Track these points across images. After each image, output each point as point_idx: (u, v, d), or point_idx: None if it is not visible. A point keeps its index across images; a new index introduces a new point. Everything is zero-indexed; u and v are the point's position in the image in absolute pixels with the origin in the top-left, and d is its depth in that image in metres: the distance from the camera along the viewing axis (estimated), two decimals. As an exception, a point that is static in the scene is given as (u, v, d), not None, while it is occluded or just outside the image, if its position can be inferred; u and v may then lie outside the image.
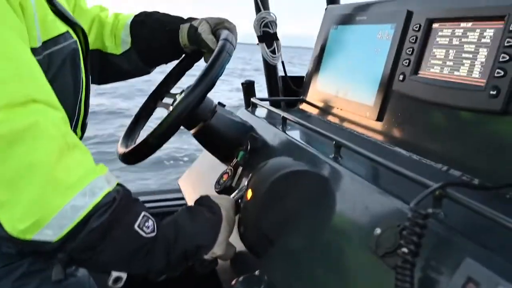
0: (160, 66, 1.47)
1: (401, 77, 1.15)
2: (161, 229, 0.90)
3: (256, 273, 0.97)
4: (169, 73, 1.41)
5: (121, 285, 0.86)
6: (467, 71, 0.99)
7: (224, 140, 1.38)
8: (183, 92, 1.23)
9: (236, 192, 1.13)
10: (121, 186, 0.89)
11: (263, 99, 1.70)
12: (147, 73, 1.47)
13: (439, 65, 1.07)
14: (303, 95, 1.68)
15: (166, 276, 0.92)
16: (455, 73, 1.02)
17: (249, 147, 1.32)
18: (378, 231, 0.78)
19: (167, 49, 1.37)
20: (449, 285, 0.62)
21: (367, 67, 1.32)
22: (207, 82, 1.09)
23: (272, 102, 1.83)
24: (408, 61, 1.14)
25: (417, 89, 1.10)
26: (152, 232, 0.87)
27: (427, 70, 1.10)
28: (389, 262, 0.72)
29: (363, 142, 1.20)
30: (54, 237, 0.77)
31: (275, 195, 0.98)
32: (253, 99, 1.64)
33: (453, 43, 1.04)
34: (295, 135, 1.28)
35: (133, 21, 1.37)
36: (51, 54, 0.94)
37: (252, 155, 1.32)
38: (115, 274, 0.85)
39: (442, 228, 0.70)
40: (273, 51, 1.82)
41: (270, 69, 1.96)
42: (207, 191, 1.41)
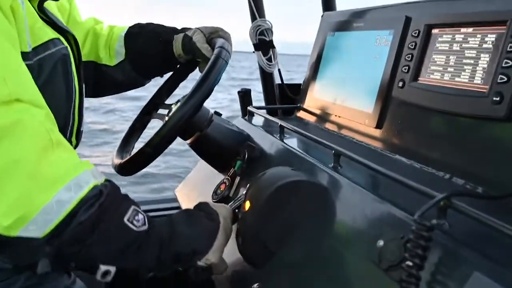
0: (155, 79, 1.46)
1: (401, 84, 1.13)
2: (156, 227, 0.88)
3: (255, 286, 0.94)
4: (163, 84, 1.40)
5: (110, 278, 0.83)
6: (468, 77, 0.97)
7: (220, 149, 1.36)
8: (179, 101, 1.21)
9: (233, 201, 1.11)
10: (109, 181, 0.87)
11: (260, 108, 1.68)
12: (142, 85, 1.46)
13: (439, 71, 1.05)
14: (300, 102, 1.66)
15: (154, 274, 0.90)
16: (456, 79, 1.00)
17: (246, 156, 1.30)
18: (381, 243, 0.75)
19: (162, 60, 1.36)
20: (457, 300, 0.60)
21: (365, 73, 1.30)
22: (204, 89, 1.07)
23: (269, 110, 1.81)
24: (407, 67, 1.12)
25: (417, 96, 1.08)
26: (143, 225, 0.85)
27: (427, 76, 1.08)
28: (393, 275, 0.70)
29: (362, 150, 1.18)
30: (40, 233, 0.75)
31: (274, 205, 0.96)
32: (249, 108, 1.61)
33: (453, 48, 1.02)
34: (292, 143, 1.26)
35: (127, 33, 1.36)
36: (41, 59, 0.93)
37: (249, 164, 1.29)
38: (103, 268, 0.82)
39: (447, 240, 0.67)
40: (269, 59, 1.80)
41: (266, 77, 1.94)
42: (204, 200, 1.38)
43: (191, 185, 1.65)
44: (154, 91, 1.41)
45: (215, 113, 1.38)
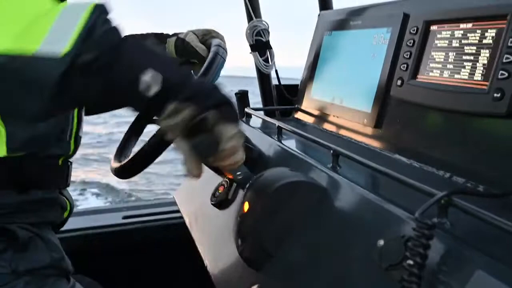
0: None
1: (399, 82, 1.11)
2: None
3: (254, 287, 0.93)
4: None
5: (157, 88, 0.72)
6: (468, 74, 0.96)
7: None
8: None
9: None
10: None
11: (257, 109, 1.66)
12: None
13: (438, 69, 1.03)
14: (298, 103, 1.64)
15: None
16: (456, 76, 0.98)
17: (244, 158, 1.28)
18: (381, 242, 0.73)
19: None
20: (460, 299, 0.58)
21: (363, 72, 1.28)
22: None
23: (266, 111, 1.80)
24: (406, 65, 1.11)
25: (416, 94, 1.06)
26: None
27: (426, 74, 1.06)
28: (394, 275, 0.68)
29: (361, 150, 1.17)
30: (63, 48, 0.67)
31: (273, 207, 0.95)
32: (247, 109, 1.60)
33: (452, 45, 1.01)
34: (291, 144, 1.25)
35: None
36: None
37: (247, 166, 1.28)
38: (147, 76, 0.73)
39: (449, 238, 0.66)
40: (266, 60, 1.79)
41: (263, 78, 1.93)
42: (203, 203, 1.37)
43: (190, 188, 1.64)
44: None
45: None
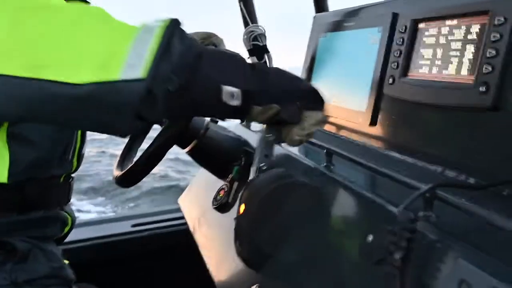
0: None
1: (391, 80, 1.13)
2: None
3: (253, 287, 0.95)
4: None
5: (237, 102, 0.78)
6: (455, 69, 0.97)
7: (218, 156, 1.37)
8: None
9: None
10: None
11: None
12: None
13: (427, 65, 1.05)
14: (297, 105, 1.65)
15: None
16: (444, 72, 1.00)
17: (243, 162, 1.30)
18: (370, 238, 0.75)
19: None
20: (442, 289, 0.60)
21: (357, 72, 1.30)
22: None
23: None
24: (396, 63, 1.12)
25: (407, 91, 1.08)
26: None
27: (415, 71, 1.08)
28: (383, 269, 0.70)
29: (356, 148, 1.18)
30: (141, 71, 0.70)
31: (268, 208, 0.97)
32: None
33: (439, 42, 1.02)
34: (288, 146, 1.26)
35: None
36: None
37: (247, 169, 1.29)
38: (226, 88, 0.78)
39: (434, 231, 0.67)
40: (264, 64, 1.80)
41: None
42: (207, 208, 1.39)
43: (193, 193, 1.66)
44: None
45: (211, 120, 1.38)
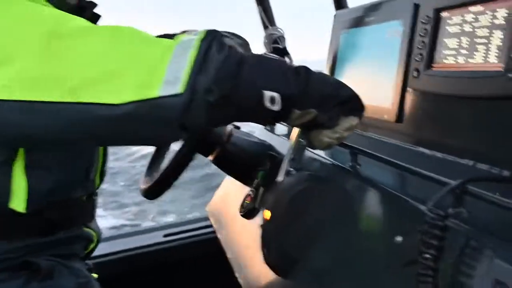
0: None
1: (415, 73, 1.09)
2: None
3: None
4: None
5: (278, 107, 0.78)
6: (482, 58, 0.92)
7: (243, 162, 1.35)
8: None
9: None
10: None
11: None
12: None
13: (452, 55, 1.00)
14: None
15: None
16: (470, 61, 0.95)
17: (268, 167, 1.28)
18: (399, 239, 0.72)
19: None
20: (476, 290, 0.56)
21: (380, 67, 1.26)
22: None
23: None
24: (420, 56, 1.08)
25: (433, 84, 1.04)
26: None
27: (440, 62, 1.03)
28: (415, 270, 0.66)
29: (382, 146, 1.14)
30: (179, 86, 0.71)
31: (293, 213, 0.94)
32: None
33: (464, 30, 0.98)
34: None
35: None
36: None
37: (272, 174, 1.27)
38: (268, 94, 0.78)
39: (466, 228, 0.63)
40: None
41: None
42: (234, 215, 1.37)
43: (220, 201, 1.64)
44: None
45: (234, 127, 1.37)
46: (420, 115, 1.09)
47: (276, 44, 1.64)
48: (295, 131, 1.00)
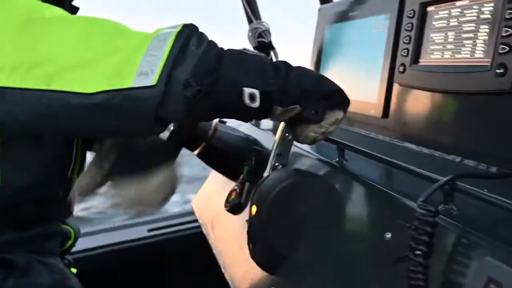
0: None
1: (402, 69, 1.08)
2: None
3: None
4: None
5: (257, 104, 0.77)
6: (469, 52, 0.92)
7: (228, 157, 1.34)
8: None
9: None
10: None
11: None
12: None
13: (439, 50, 1.00)
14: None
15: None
16: (457, 56, 0.95)
17: (253, 161, 1.27)
18: (388, 235, 0.71)
19: None
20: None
21: (366, 62, 1.25)
22: None
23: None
24: (406, 50, 1.08)
25: (419, 79, 1.03)
26: None
27: (427, 57, 1.03)
28: (404, 266, 0.66)
29: (369, 141, 1.14)
30: (153, 78, 0.70)
31: (279, 208, 0.93)
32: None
33: (451, 24, 0.97)
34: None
35: None
36: None
37: (258, 169, 1.26)
38: (247, 90, 0.77)
39: (455, 225, 0.63)
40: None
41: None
42: (219, 210, 1.36)
43: (206, 196, 1.63)
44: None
45: (219, 121, 1.36)
46: (406, 111, 1.09)
47: (261, 38, 1.63)
48: (281, 126, 0.99)
